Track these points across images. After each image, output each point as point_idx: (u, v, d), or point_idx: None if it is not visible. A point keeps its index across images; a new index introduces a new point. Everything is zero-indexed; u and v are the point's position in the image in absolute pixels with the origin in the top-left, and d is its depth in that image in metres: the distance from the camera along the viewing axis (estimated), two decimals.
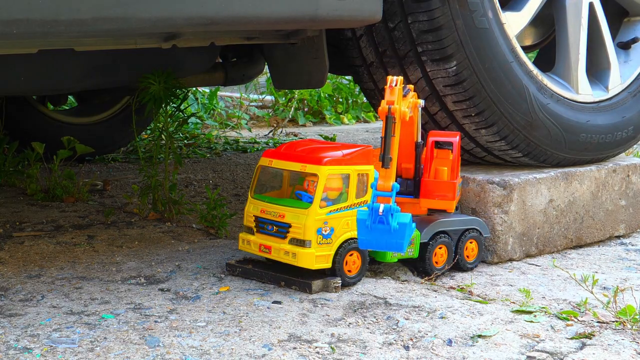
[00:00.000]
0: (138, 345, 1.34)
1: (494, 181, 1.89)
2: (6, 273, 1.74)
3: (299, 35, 1.85)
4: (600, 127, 2.09)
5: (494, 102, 1.88)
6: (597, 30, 2.15)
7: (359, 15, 1.64)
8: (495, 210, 1.88)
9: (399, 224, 1.47)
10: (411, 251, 1.72)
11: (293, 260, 1.61)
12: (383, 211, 1.46)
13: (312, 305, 1.56)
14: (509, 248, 1.90)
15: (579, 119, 2.04)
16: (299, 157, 1.66)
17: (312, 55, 1.95)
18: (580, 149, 2.05)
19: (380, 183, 1.50)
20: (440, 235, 1.76)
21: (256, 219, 1.68)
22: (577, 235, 2.05)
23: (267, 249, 1.65)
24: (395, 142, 1.52)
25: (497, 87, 1.88)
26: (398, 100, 1.53)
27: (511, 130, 1.92)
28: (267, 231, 1.66)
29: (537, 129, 1.95)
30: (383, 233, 1.47)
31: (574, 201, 2.02)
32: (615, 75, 2.18)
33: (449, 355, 1.34)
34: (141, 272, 1.76)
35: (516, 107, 1.91)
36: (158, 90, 2.04)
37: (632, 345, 1.38)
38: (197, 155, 3.44)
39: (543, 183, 1.95)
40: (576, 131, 2.03)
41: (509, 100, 1.90)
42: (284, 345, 1.36)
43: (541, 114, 1.95)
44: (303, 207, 1.61)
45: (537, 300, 1.63)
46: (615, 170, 2.12)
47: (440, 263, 1.77)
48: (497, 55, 1.87)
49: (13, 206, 2.41)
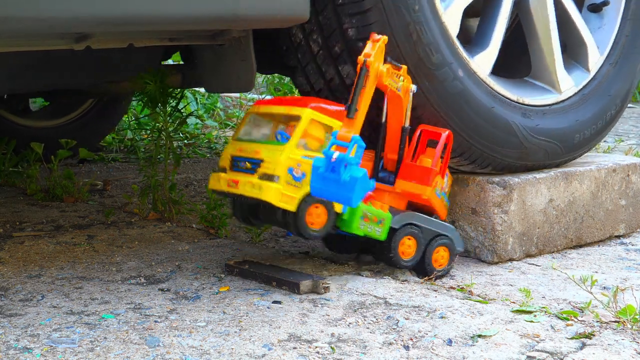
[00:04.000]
0: (138, 345, 1.34)
1: (493, 181, 1.89)
2: (6, 273, 1.74)
3: (225, 36, 1.77)
4: (585, 120, 2.07)
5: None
6: (565, 13, 2.09)
7: (283, 14, 1.57)
8: (495, 210, 1.88)
9: (351, 176, 1.44)
10: (379, 230, 1.67)
11: (258, 193, 1.56)
12: (336, 159, 1.44)
13: (312, 305, 1.56)
14: (509, 248, 1.90)
15: (558, 124, 2.02)
16: (288, 103, 1.65)
17: (240, 57, 1.86)
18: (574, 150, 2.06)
19: (341, 132, 1.49)
20: (412, 226, 1.73)
21: (232, 158, 1.66)
22: (577, 235, 2.05)
23: (235, 182, 1.61)
24: (364, 94, 1.52)
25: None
26: (376, 56, 1.54)
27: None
28: (240, 168, 1.63)
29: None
30: (334, 183, 1.45)
31: (574, 201, 2.02)
32: (593, 52, 2.12)
33: (449, 355, 1.34)
34: (141, 272, 1.76)
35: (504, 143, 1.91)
36: (153, 90, 2.04)
37: (632, 345, 1.38)
38: (197, 155, 3.44)
39: (543, 183, 1.95)
40: (565, 137, 2.03)
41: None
42: (284, 345, 1.36)
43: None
44: (279, 144, 1.58)
45: (537, 300, 1.63)
46: (615, 169, 2.12)
47: (406, 255, 1.73)
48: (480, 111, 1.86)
49: (13, 206, 2.41)
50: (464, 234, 1.92)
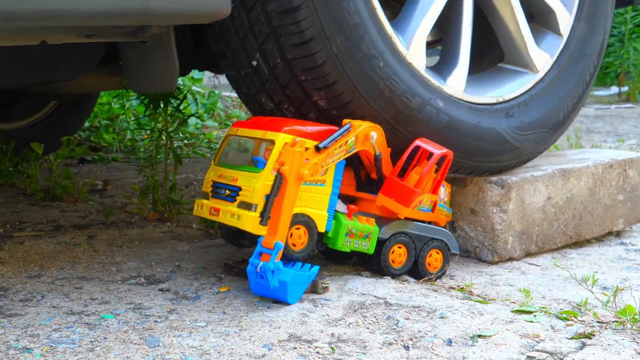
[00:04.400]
0: (138, 345, 1.34)
1: (491, 180, 1.89)
2: (6, 273, 1.74)
3: (145, 33, 1.68)
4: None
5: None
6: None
7: (201, 9, 1.48)
8: (494, 209, 1.88)
9: (280, 281, 1.50)
10: (366, 245, 1.68)
11: (238, 222, 1.57)
12: (260, 270, 1.49)
13: (312, 305, 1.55)
14: (509, 247, 1.90)
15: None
16: (263, 125, 1.64)
17: (162, 55, 1.77)
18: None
19: (265, 239, 1.50)
20: (402, 234, 1.73)
21: (213, 184, 1.66)
22: (576, 232, 2.05)
23: (216, 211, 1.62)
24: (284, 204, 1.50)
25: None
26: (291, 162, 1.50)
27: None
28: (220, 195, 1.63)
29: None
30: (267, 288, 1.51)
31: (572, 198, 2.02)
32: (562, 14, 2.05)
33: (449, 355, 1.34)
34: (141, 272, 1.76)
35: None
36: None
37: (632, 345, 1.38)
38: (197, 155, 3.44)
39: (541, 181, 1.95)
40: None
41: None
42: (284, 345, 1.36)
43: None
44: (256, 171, 1.58)
45: (537, 300, 1.63)
46: (612, 165, 2.12)
47: (397, 263, 1.73)
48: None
49: (13, 206, 2.41)
50: (464, 234, 1.92)
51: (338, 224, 1.65)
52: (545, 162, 2.09)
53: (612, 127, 4.54)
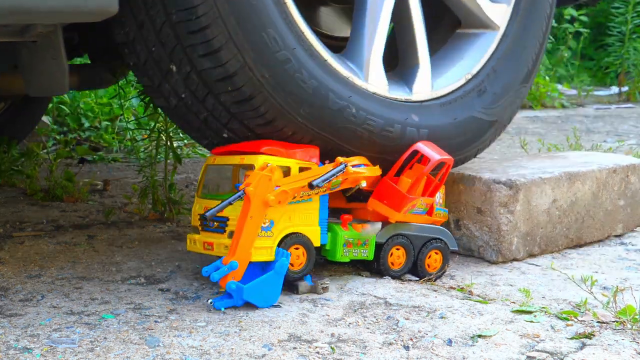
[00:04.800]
0: (138, 345, 1.34)
1: (500, 181, 1.89)
2: (6, 273, 1.74)
3: (32, 32, 1.59)
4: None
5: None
6: None
7: (84, 7, 1.41)
8: (501, 210, 1.88)
9: (244, 297, 1.51)
10: (365, 252, 1.68)
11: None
12: (227, 289, 1.50)
13: (312, 305, 1.55)
14: (514, 248, 1.90)
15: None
16: (241, 150, 1.62)
17: (51, 55, 1.68)
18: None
19: (225, 258, 1.50)
20: (399, 236, 1.73)
21: (201, 217, 1.64)
22: (577, 235, 2.05)
23: (210, 245, 1.59)
24: (246, 224, 1.49)
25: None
26: (256, 184, 1.50)
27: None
28: (210, 227, 1.61)
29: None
30: (241, 300, 1.51)
31: (576, 201, 2.02)
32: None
33: (449, 355, 1.34)
34: (141, 272, 1.76)
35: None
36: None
37: (632, 345, 1.38)
38: (197, 156, 3.44)
39: (548, 183, 1.95)
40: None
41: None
42: (284, 345, 1.36)
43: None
44: (241, 199, 1.55)
45: (537, 300, 1.63)
46: (615, 170, 2.12)
47: (396, 265, 1.73)
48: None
49: (13, 206, 2.41)
50: (469, 233, 1.92)
51: (334, 235, 1.65)
52: (550, 164, 2.09)
53: (612, 127, 4.54)
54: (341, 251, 1.65)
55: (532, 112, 5.29)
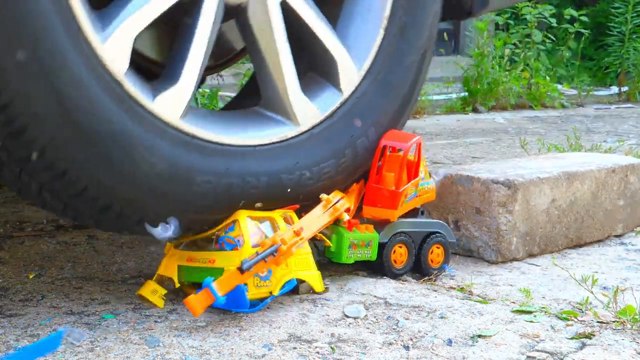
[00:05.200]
0: (138, 345, 1.34)
1: (498, 180, 1.89)
2: (6, 273, 1.74)
3: None
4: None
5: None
6: None
7: None
8: (499, 210, 1.88)
9: (237, 303, 1.46)
10: (369, 253, 1.68)
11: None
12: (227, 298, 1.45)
13: (312, 305, 1.55)
14: (513, 248, 1.90)
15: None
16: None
17: None
18: None
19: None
20: (400, 234, 1.73)
21: (182, 268, 1.55)
22: (577, 235, 2.05)
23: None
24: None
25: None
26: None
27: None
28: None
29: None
30: (243, 306, 1.47)
31: (575, 201, 2.02)
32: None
33: (449, 355, 1.34)
34: (141, 272, 1.76)
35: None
36: None
37: (632, 345, 1.38)
38: None
39: (546, 183, 1.95)
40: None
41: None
42: (284, 345, 1.36)
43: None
44: (234, 250, 1.50)
45: (537, 300, 1.63)
46: (614, 170, 2.12)
47: (399, 263, 1.74)
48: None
49: (13, 206, 2.40)
50: (468, 234, 1.92)
51: (340, 237, 1.65)
52: (549, 164, 2.09)
53: (612, 127, 4.53)
54: (346, 253, 1.66)
55: (532, 112, 5.29)
